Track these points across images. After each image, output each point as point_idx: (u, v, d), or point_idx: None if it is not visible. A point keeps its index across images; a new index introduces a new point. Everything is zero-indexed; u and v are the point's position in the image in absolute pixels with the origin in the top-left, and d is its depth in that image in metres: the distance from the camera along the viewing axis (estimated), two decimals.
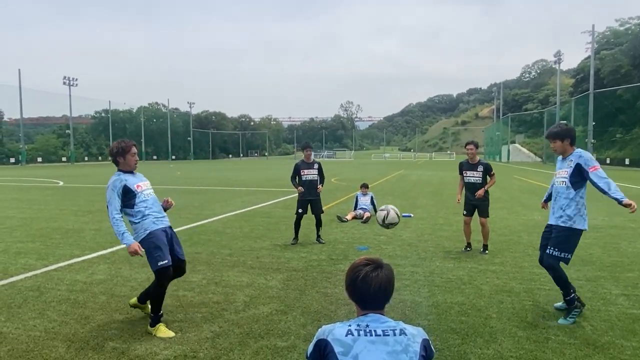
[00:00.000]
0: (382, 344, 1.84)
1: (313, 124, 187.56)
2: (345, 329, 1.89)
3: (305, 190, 7.78)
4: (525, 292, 5.11)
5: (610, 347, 3.68)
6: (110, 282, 5.53)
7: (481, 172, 7.09)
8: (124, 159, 4.13)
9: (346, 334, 1.87)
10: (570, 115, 52.46)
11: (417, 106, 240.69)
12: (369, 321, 1.93)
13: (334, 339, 1.87)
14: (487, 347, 3.69)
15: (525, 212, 11.60)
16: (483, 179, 7.09)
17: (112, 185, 3.99)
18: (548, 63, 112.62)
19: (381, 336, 1.86)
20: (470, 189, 7.15)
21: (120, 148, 4.11)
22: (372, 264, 1.99)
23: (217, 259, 6.65)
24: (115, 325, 4.16)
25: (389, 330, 1.89)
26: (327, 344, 1.87)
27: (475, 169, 7.12)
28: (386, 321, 1.94)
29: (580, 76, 69.94)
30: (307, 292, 5.12)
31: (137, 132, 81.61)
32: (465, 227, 7.32)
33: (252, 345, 3.72)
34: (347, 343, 1.84)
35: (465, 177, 7.25)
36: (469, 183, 7.18)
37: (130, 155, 4.16)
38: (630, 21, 63.01)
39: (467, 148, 7.26)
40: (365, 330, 1.88)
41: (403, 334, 1.88)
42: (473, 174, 7.13)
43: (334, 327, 1.92)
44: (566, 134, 4.56)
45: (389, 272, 2.00)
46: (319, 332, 1.95)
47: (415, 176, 29.63)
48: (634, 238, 8.22)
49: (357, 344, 1.83)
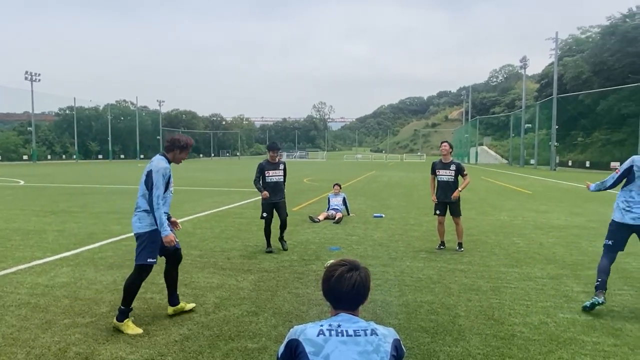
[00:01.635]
0: (354, 344, 1.84)
1: (286, 124, 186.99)
2: (317, 329, 1.89)
3: (271, 193, 7.19)
4: (492, 291, 5.23)
5: (572, 343, 3.81)
6: (73, 285, 5.34)
7: (453, 171, 7.21)
8: (180, 153, 4.25)
9: (318, 334, 1.87)
10: (535, 119, 54.28)
11: (388, 108, 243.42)
12: (341, 321, 1.93)
13: (305, 338, 1.86)
14: (455, 345, 3.76)
15: (492, 212, 11.91)
16: (455, 178, 7.21)
17: (162, 171, 4.04)
18: (514, 68, 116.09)
19: (352, 336, 1.86)
20: (443, 188, 7.26)
21: (186, 143, 4.26)
22: (348, 265, 2.00)
23: (187, 261, 6.52)
24: (79, 329, 4.02)
25: (360, 331, 1.89)
26: (298, 344, 1.86)
27: (448, 168, 7.24)
28: (358, 321, 1.95)
29: (544, 81, 72.50)
30: (279, 293, 5.08)
31: (104, 130, 79.28)
32: (439, 226, 7.43)
33: (222, 348, 3.66)
34: (318, 343, 1.84)
35: (438, 176, 7.34)
36: (442, 182, 7.28)
37: (185, 154, 4.32)
38: (591, 29, 65.72)
39: (442, 146, 7.37)
40: (337, 331, 1.88)
41: (374, 334, 1.89)
42: (446, 173, 7.25)
43: (305, 327, 1.92)
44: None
45: (364, 275, 2.01)
46: (291, 332, 1.94)
47: (386, 177, 29.96)
48: (594, 237, 8.56)
49: (328, 344, 1.83)
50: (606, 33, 57.00)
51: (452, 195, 7.12)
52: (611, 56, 53.60)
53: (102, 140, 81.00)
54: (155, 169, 4.03)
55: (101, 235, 8.32)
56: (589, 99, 52.80)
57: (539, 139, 52.94)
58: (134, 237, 4.22)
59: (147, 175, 4.08)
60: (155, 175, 4.00)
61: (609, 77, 52.98)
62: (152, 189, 3.98)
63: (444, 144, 7.36)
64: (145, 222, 4.05)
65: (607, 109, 50.88)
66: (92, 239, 8.04)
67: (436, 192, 7.39)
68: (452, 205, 7.22)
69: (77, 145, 73.17)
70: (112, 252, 7.02)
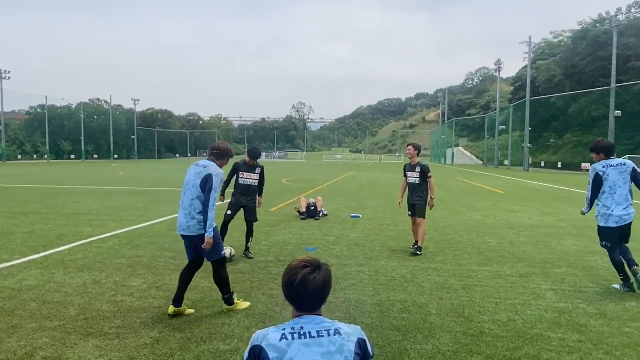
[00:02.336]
0: (317, 345, 1.83)
1: (265, 124, 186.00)
2: (280, 334, 1.86)
3: (241, 195, 6.89)
4: (463, 289, 5.34)
5: (538, 339, 3.92)
6: (42, 288, 5.20)
7: (419, 173, 7.33)
8: (226, 161, 4.58)
9: (280, 339, 1.84)
10: (509, 121, 55.47)
11: (367, 109, 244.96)
12: (304, 323, 1.91)
13: (268, 344, 1.84)
14: (426, 343, 3.82)
15: (466, 212, 12.12)
16: (421, 180, 7.31)
17: (221, 177, 4.38)
18: (490, 71, 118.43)
19: (315, 338, 1.85)
20: (411, 189, 7.44)
21: (231, 151, 4.61)
22: (310, 267, 1.95)
23: (160, 263, 6.44)
24: (47, 333, 3.92)
25: (324, 331, 1.88)
26: (261, 350, 1.84)
27: (414, 170, 7.37)
28: (322, 322, 1.93)
29: (518, 84, 74.17)
30: (253, 294, 5.07)
31: (77, 129, 77.31)
32: (413, 226, 7.55)
33: (194, 350, 3.63)
34: (281, 348, 1.82)
35: (408, 178, 7.50)
36: (410, 184, 7.46)
37: (228, 160, 4.64)
38: (563, 34, 67.64)
39: (407, 149, 7.51)
40: (300, 333, 1.86)
41: (338, 334, 1.88)
42: (412, 175, 7.41)
43: (267, 332, 1.89)
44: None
45: (326, 273, 1.98)
46: (254, 338, 1.91)
47: (364, 178, 30.15)
48: (563, 236, 8.82)
49: (291, 348, 1.81)
50: (577, 38, 58.74)
51: (430, 206, 7.31)
52: (582, 60, 55.26)
53: (74, 140, 79.01)
54: (215, 173, 4.28)
55: (72, 237, 8.12)
56: (561, 102, 54.31)
57: (513, 140, 54.15)
58: (107, 239, 4.15)
59: (206, 179, 4.25)
60: (215, 179, 4.24)
61: (580, 80, 54.62)
62: (210, 192, 4.21)
63: (409, 147, 7.49)
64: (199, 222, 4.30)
65: (578, 112, 52.44)
66: (63, 241, 7.84)
67: (407, 194, 7.57)
68: (417, 205, 7.31)
69: (48, 145, 71.16)
70: (82, 254, 6.87)
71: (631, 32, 51.03)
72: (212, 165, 4.34)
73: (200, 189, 4.24)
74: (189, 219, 4.27)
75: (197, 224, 4.25)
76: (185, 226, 4.31)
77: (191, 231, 4.28)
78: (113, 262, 6.39)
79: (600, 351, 3.70)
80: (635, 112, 44.87)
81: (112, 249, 7.25)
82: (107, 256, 6.75)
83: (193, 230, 4.27)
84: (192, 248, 4.43)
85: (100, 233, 8.50)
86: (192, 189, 4.29)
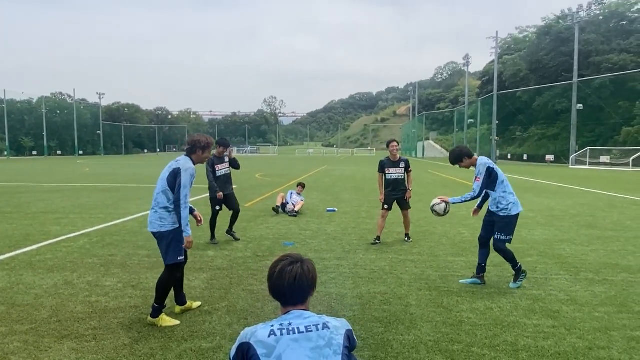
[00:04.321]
0: (306, 340, 1.83)
1: (235, 119, 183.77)
2: (268, 330, 1.86)
3: (222, 186, 7.51)
4: (440, 279, 5.44)
5: (515, 326, 4.04)
6: (10, 290, 4.98)
7: (403, 168, 7.40)
8: (202, 154, 4.26)
9: (269, 335, 1.84)
10: (477, 114, 56.79)
11: (339, 103, 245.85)
12: (292, 319, 1.91)
13: (256, 341, 1.83)
14: (408, 333, 3.87)
15: None
16: (404, 175, 7.44)
17: (191, 172, 4.12)
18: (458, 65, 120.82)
19: (304, 333, 1.85)
20: (393, 184, 7.43)
21: (207, 143, 4.26)
22: (289, 259, 1.98)
23: (134, 261, 6.28)
24: (18, 337, 3.76)
25: (312, 326, 1.88)
26: (249, 347, 1.83)
27: (398, 166, 7.40)
28: (309, 316, 1.93)
29: (485, 78, 75.96)
30: (233, 291, 5.01)
31: (38, 124, 74.44)
32: (381, 220, 7.51)
33: (175, 349, 3.56)
34: (270, 344, 1.81)
35: (387, 174, 7.45)
36: (392, 180, 7.42)
37: (209, 152, 4.35)
38: (528, 29, 69.56)
39: (391, 146, 7.48)
40: (288, 329, 1.85)
41: (326, 328, 1.89)
42: (396, 171, 7.41)
43: (256, 329, 1.88)
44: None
45: (307, 267, 1.98)
46: (242, 335, 1.90)
47: (338, 171, 30.27)
48: (533, 226, 9.10)
49: (280, 344, 1.81)
50: (541, 33, 60.54)
51: (407, 197, 7.39)
52: (546, 55, 57.04)
53: (36, 136, 76.05)
54: (184, 168, 4.06)
55: (39, 237, 7.81)
56: (526, 96, 56.01)
57: (481, 133, 55.49)
58: (77, 238, 4.01)
59: (173, 173, 4.06)
60: (184, 174, 4.03)
61: (544, 75, 56.42)
62: (179, 188, 4.01)
63: (393, 144, 7.48)
64: (168, 221, 4.05)
65: (542, 105, 54.23)
66: (29, 240, 7.53)
67: (386, 189, 7.51)
68: (402, 200, 7.43)
69: (8, 141, 68.21)
70: (51, 254, 6.62)
71: (591, 29, 53.03)
72: (183, 160, 4.13)
73: (167, 182, 4.05)
74: (152, 213, 4.09)
75: (158, 219, 4.04)
76: (148, 220, 4.13)
77: (152, 227, 4.07)
78: (85, 262, 6.19)
79: (573, 336, 3.84)
80: (595, 106, 46.81)
81: (82, 248, 7.02)
82: (78, 255, 6.53)
83: (154, 226, 4.06)
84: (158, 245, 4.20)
85: (69, 232, 8.21)
86: (159, 182, 4.11)
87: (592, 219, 9.96)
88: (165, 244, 4.06)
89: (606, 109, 46.08)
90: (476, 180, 5.14)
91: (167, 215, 4.05)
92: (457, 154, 5.32)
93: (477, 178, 5.12)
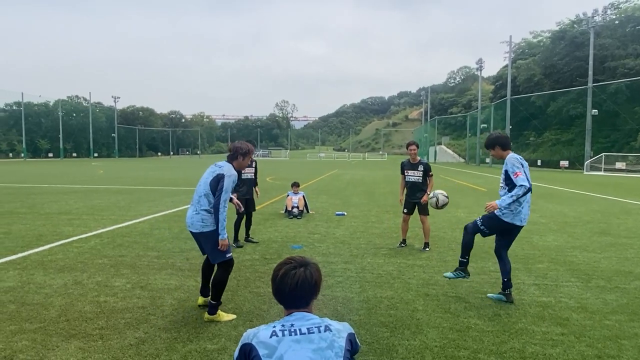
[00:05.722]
0: (307, 342, 1.83)
1: (248, 122, 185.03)
2: (270, 331, 1.87)
3: (245, 189, 7.67)
4: (448, 285, 5.39)
5: (523, 333, 3.98)
6: (21, 289, 5.06)
7: (422, 172, 7.29)
8: (243, 160, 4.47)
9: (270, 336, 1.85)
10: (490, 119, 56.32)
11: (350, 107, 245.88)
12: (294, 320, 1.92)
13: (258, 342, 1.84)
14: (413, 339, 3.84)
15: (450, 209, 12.24)
16: (423, 179, 7.30)
17: (234, 178, 4.29)
18: (471, 70, 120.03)
19: (306, 334, 1.85)
20: (412, 188, 7.36)
21: (248, 150, 4.47)
22: (293, 263, 1.99)
23: (143, 262, 6.33)
24: (27, 335, 3.81)
25: (314, 328, 1.88)
26: (252, 348, 1.84)
27: (416, 169, 7.33)
28: (311, 318, 1.94)
29: (499, 83, 75.34)
30: (239, 293, 5.02)
31: (55, 127, 75.73)
32: (403, 224, 7.52)
33: (180, 350, 3.58)
34: (271, 345, 1.82)
35: (406, 176, 7.41)
36: (410, 182, 7.36)
37: (249, 158, 4.54)
38: (542, 34, 68.91)
39: (409, 149, 7.43)
40: (290, 330, 1.86)
41: (328, 330, 1.89)
42: (414, 174, 7.33)
43: (258, 330, 1.90)
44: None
45: (311, 271, 1.98)
46: (244, 336, 1.92)
47: (349, 175, 30.23)
48: (544, 232, 8.98)
49: (281, 345, 1.82)
50: (556, 38, 59.88)
51: (422, 200, 7.21)
52: (560, 60, 56.41)
53: (52, 138, 77.37)
54: (228, 174, 4.23)
55: (51, 237, 7.93)
56: (540, 101, 55.36)
57: None
58: (89, 239, 4.06)
59: (217, 178, 4.22)
60: (227, 180, 4.19)
61: (559, 79, 55.78)
62: (220, 193, 4.16)
63: (412, 146, 7.40)
64: (210, 222, 4.22)
65: (556, 110, 53.53)
66: (41, 240, 7.65)
67: (405, 192, 7.47)
68: (421, 204, 7.31)
69: (25, 143, 69.45)
70: (62, 254, 6.71)
71: (607, 33, 52.32)
72: (226, 166, 4.32)
73: (210, 187, 4.22)
74: (194, 214, 4.26)
75: (200, 221, 4.21)
76: (189, 221, 4.30)
77: (194, 227, 4.26)
78: (95, 262, 6.26)
79: (582, 343, 3.77)
80: (611, 111, 46.06)
81: (93, 248, 7.11)
82: (89, 256, 6.61)
83: (196, 227, 4.24)
84: (198, 244, 4.43)
85: (81, 232, 8.32)
86: (202, 186, 4.28)
87: (605, 226, 9.79)
88: (210, 245, 4.24)
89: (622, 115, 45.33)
90: (515, 175, 4.57)
91: (209, 216, 4.22)
92: (493, 139, 4.99)
93: (517, 173, 4.57)
